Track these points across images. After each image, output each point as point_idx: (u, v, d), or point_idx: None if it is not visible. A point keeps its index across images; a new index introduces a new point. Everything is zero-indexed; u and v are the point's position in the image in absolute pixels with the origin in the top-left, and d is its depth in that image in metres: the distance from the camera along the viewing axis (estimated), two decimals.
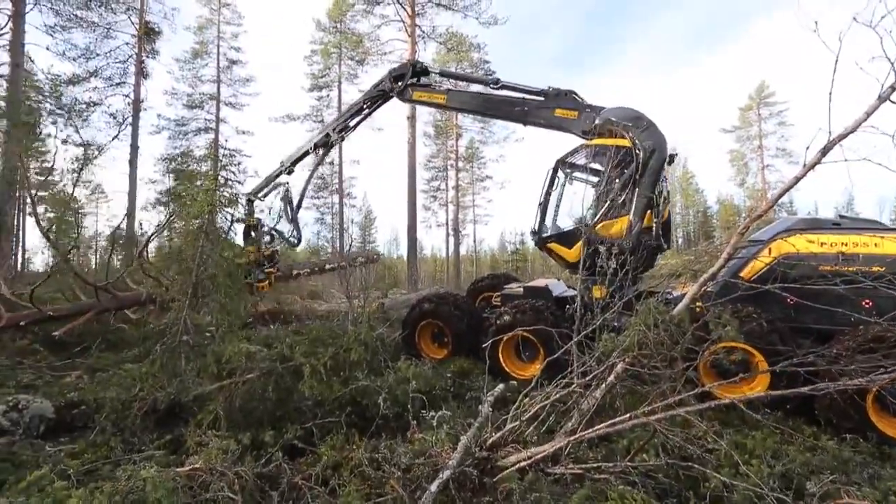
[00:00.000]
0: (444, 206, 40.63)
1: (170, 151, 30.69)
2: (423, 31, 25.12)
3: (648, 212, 5.95)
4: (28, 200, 15.17)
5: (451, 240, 39.12)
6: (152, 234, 9.29)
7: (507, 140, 35.45)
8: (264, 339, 7.45)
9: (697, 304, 4.25)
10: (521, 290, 7.04)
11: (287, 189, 9.40)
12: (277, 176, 9.31)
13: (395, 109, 33.93)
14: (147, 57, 23.89)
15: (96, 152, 14.83)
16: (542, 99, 6.96)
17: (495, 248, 57.87)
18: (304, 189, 9.89)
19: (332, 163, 36.17)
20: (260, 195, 9.39)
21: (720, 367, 4.43)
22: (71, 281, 9.06)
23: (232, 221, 5.80)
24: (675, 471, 3.05)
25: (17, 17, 13.63)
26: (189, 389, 4.06)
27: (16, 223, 24.02)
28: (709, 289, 4.69)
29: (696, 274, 4.74)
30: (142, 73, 23.63)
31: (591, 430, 2.79)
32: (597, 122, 6.37)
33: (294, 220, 9.56)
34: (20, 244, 28.34)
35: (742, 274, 5.17)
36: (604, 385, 3.21)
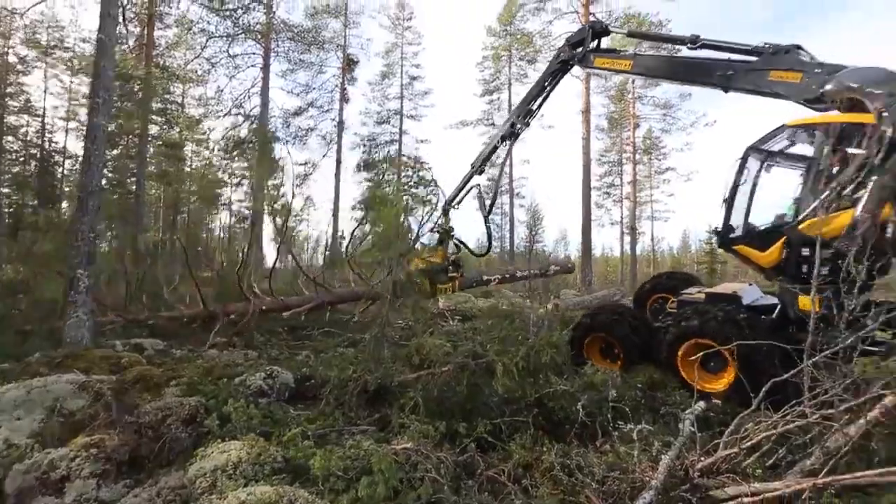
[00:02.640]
0: (619, 202, 38.04)
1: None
2: (598, 20, 24.00)
3: (888, 205, 4.45)
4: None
5: (627, 238, 36.45)
6: (350, 240, 10.76)
7: (694, 126, 30.99)
8: (446, 334, 7.99)
9: None
10: (703, 296, 6.12)
11: (480, 190, 9.28)
12: (469, 179, 9.12)
13: (566, 106, 33.11)
14: (348, 84, 28.24)
15: (312, 169, 18.17)
16: (754, 59, 5.72)
17: (676, 248, 51.99)
18: (496, 187, 10.46)
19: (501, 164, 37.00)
20: (454, 203, 9.24)
21: None
22: (291, 277, 11.20)
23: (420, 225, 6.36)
24: None
25: (266, 69, 17.47)
26: (392, 375, 4.60)
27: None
28: None
29: None
30: (344, 99, 28.01)
31: (848, 476, 2.24)
32: (827, 87, 4.92)
33: (486, 225, 9.38)
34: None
35: None
36: (862, 421, 2.54)
